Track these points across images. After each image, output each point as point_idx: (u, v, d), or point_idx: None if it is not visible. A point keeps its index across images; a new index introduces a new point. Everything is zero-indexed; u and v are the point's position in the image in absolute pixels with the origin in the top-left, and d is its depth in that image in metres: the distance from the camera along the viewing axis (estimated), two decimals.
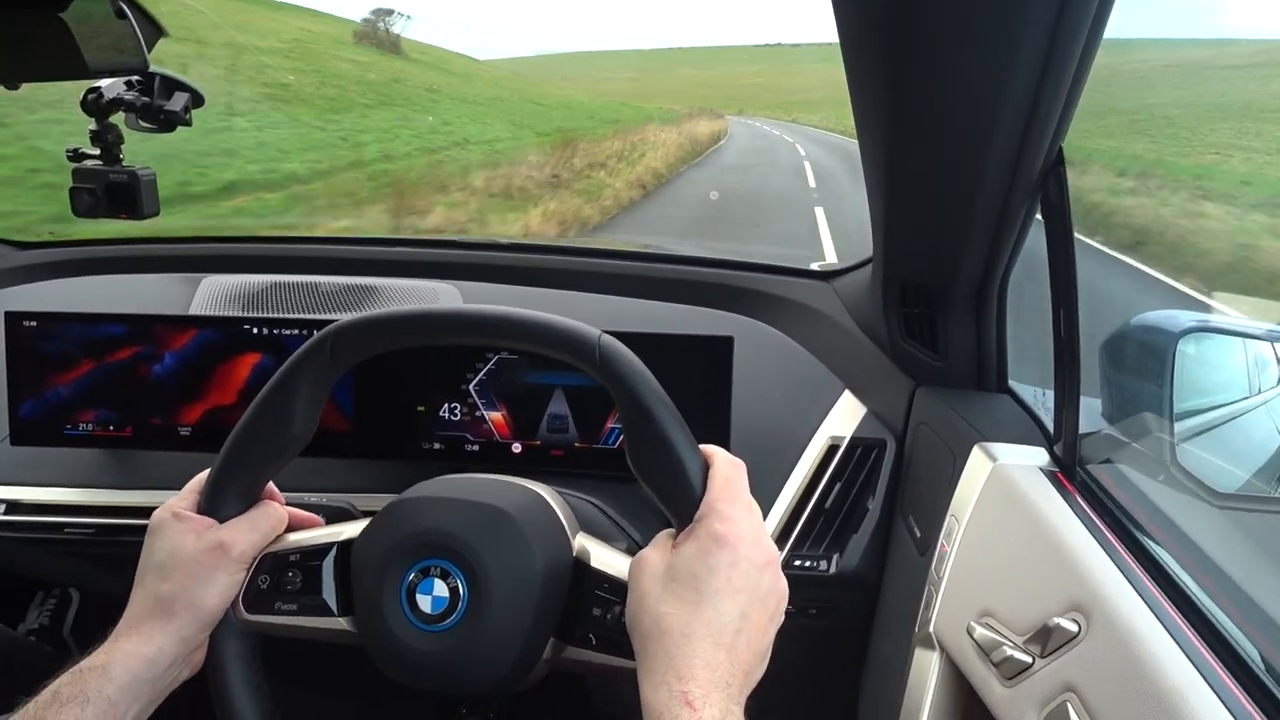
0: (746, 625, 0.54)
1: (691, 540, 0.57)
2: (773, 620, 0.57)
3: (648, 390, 0.60)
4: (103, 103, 0.92)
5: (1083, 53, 0.64)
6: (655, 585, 0.56)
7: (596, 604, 0.65)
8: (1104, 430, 0.83)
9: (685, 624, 0.53)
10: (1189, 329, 0.83)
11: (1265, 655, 0.55)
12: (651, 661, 0.53)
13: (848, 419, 1.11)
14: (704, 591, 0.54)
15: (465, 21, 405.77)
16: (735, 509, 0.58)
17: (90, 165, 0.95)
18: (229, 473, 0.67)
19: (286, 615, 0.66)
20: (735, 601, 0.54)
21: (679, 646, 0.52)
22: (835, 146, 20.27)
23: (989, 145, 0.72)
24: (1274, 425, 0.91)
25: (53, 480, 1.08)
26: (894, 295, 1.01)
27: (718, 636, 0.53)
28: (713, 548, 0.56)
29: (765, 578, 0.57)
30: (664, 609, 0.54)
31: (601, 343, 0.61)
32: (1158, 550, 0.66)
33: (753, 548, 0.57)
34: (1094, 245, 3.46)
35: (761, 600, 0.56)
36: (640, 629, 0.56)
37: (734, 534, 0.56)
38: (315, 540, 0.69)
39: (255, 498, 0.68)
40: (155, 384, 1.07)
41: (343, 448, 1.07)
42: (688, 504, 0.59)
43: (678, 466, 0.59)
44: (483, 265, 1.41)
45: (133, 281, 1.39)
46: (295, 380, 0.65)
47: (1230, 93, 9.28)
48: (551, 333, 0.62)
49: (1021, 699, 0.64)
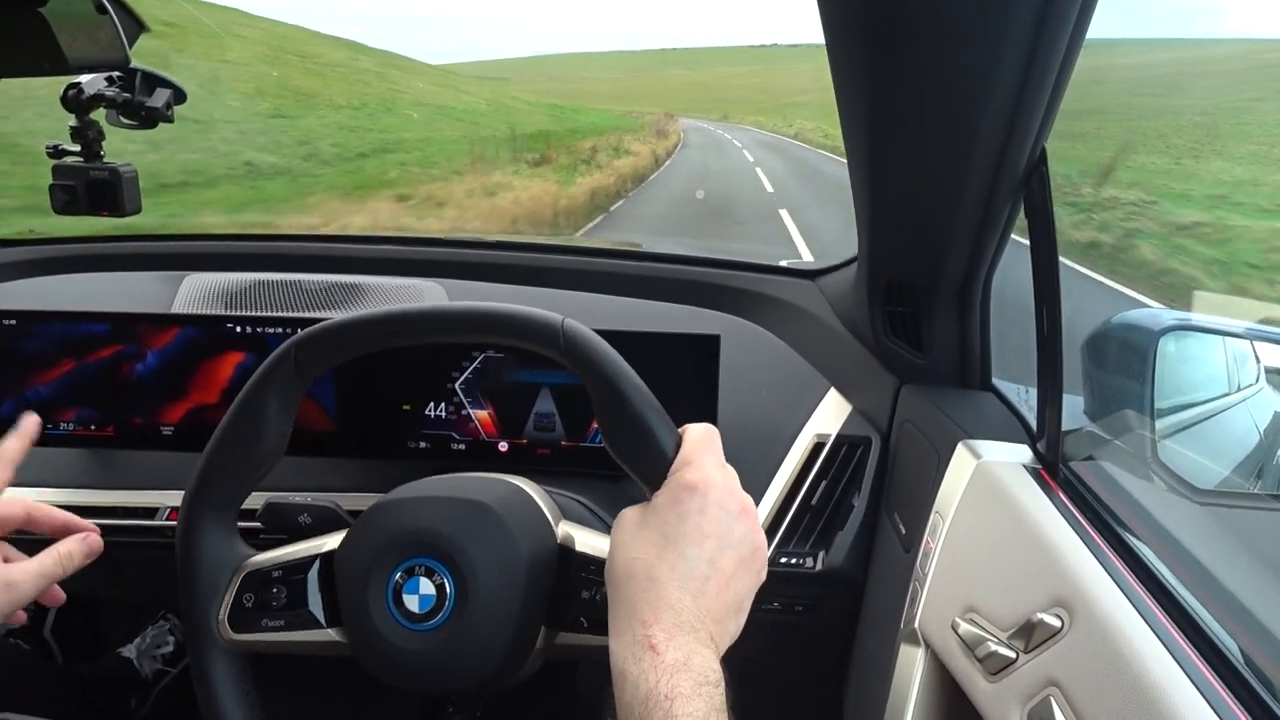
0: (714, 572, 0.54)
1: (664, 490, 0.57)
2: (746, 569, 0.56)
3: (616, 369, 0.60)
4: (83, 99, 0.91)
5: (1065, 53, 0.64)
6: (627, 535, 0.56)
7: (584, 586, 0.66)
8: (1086, 427, 0.84)
9: (650, 568, 0.53)
10: (1170, 327, 0.84)
11: (1245, 649, 0.56)
12: (618, 607, 0.53)
13: (833, 417, 1.11)
14: (671, 536, 0.54)
15: (456, 22, 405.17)
16: (706, 460, 0.58)
17: (70, 162, 0.94)
18: (204, 492, 0.66)
19: (274, 631, 0.66)
20: (703, 547, 0.54)
21: (644, 591, 0.52)
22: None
23: (973, 145, 0.72)
24: (1253, 422, 0.92)
25: (33, 480, 1.07)
26: (878, 293, 1.01)
27: (684, 581, 0.53)
28: (683, 494, 0.56)
29: (738, 526, 0.56)
30: (633, 554, 0.54)
31: (565, 326, 0.61)
32: (1139, 546, 0.67)
33: (724, 495, 0.57)
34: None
35: (733, 548, 0.55)
36: (612, 578, 0.55)
37: (704, 481, 0.56)
38: (298, 554, 0.68)
39: (233, 518, 0.68)
40: (137, 383, 1.06)
41: (328, 447, 1.06)
42: (662, 469, 0.59)
43: (651, 438, 0.59)
44: (468, 263, 1.40)
45: (114, 279, 1.38)
46: (262, 396, 0.64)
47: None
48: (514, 323, 0.62)
49: (1006, 694, 0.64)
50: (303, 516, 0.75)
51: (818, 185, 15.99)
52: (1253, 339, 0.92)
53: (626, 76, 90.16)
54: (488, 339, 0.64)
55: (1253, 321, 0.99)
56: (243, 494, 0.67)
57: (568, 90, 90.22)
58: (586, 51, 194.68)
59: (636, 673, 0.49)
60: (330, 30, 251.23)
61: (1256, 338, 0.92)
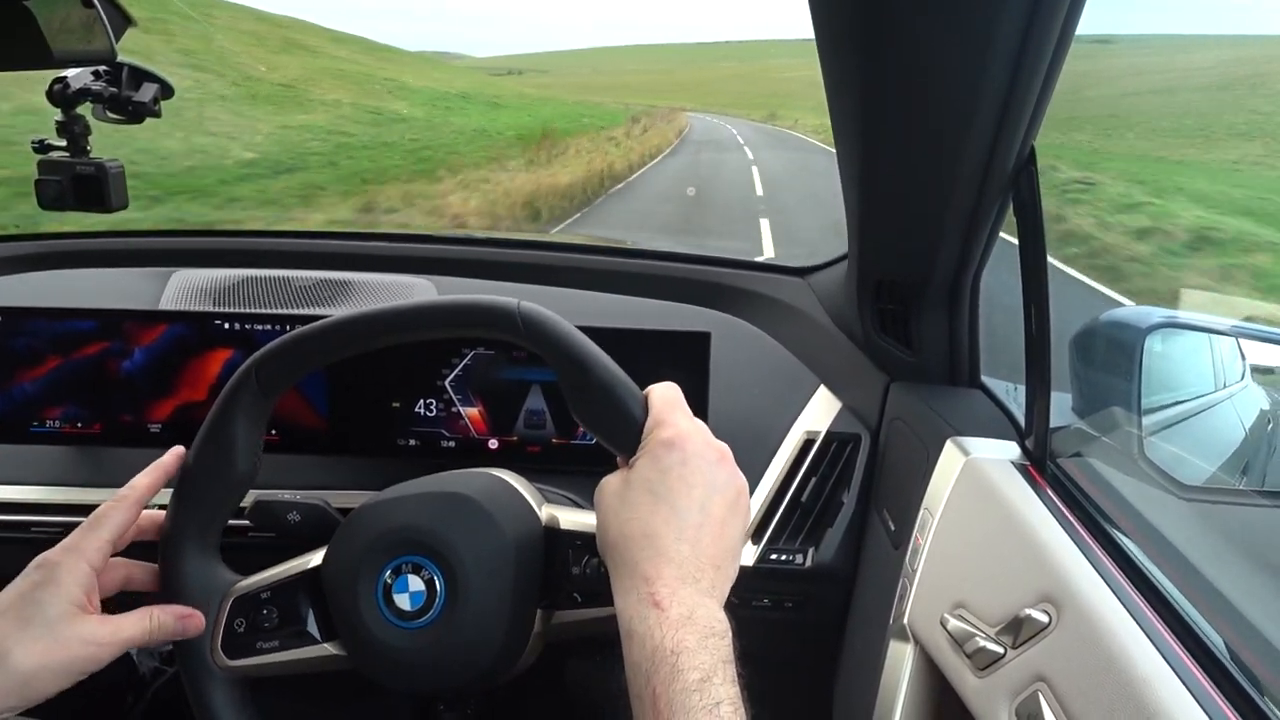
0: (707, 518, 0.55)
1: (642, 453, 0.58)
2: (734, 512, 0.58)
3: (577, 344, 0.61)
4: (69, 93, 0.90)
5: (1054, 52, 0.65)
6: (615, 500, 0.57)
7: (574, 561, 0.66)
8: (1074, 424, 0.84)
9: (645, 524, 0.54)
10: (1157, 325, 0.84)
11: (1230, 644, 0.57)
12: (619, 570, 0.54)
13: (823, 414, 1.12)
14: (659, 492, 0.55)
15: (520, 15, 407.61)
16: (676, 415, 0.60)
17: (56, 157, 0.93)
18: (181, 520, 0.65)
19: (269, 653, 0.65)
20: (692, 496, 0.55)
21: (642, 549, 0.53)
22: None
23: (962, 143, 0.73)
24: (1239, 419, 0.93)
25: (20, 478, 1.06)
26: (868, 291, 1.02)
27: (679, 531, 0.54)
28: (662, 452, 0.57)
29: (720, 471, 0.58)
30: (625, 516, 0.55)
31: (521, 309, 0.61)
32: (1126, 542, 0.67)
33: (701, 445, 0.58)
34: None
35: (720, 492, 0.57)
36: (607, 544, 0.56)
37: (679, 434, 0.58)
38: (285, 573, 0.68)
39: (215, 544, 0.67)
40: (124, 380, 1.05)
41: (317, 445, 1.06)
42: (635, 433, 0.60)
43: (620, 406, 0.60)
44: (458, 260, 1.40)
45: (101, 276, 1.37)
46: (229, 417, 0.64)
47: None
48: (470, 312, 0.62)
49: (994, 689, 0.65)
50: (292, 514, 0.75)
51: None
52: (1239, 337, 0.93)
53: (677, 69, 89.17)
54: (449, 332, 0.63)
55: (1239, 319, 1.00)
56: (221, 520, 0.67)
57: (599, 83, 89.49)
58: (637, 44, 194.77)
59: (643, 630, 0.50)
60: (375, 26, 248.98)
61: (1242, 335, 0.93)
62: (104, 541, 0.62)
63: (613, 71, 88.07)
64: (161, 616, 0.63)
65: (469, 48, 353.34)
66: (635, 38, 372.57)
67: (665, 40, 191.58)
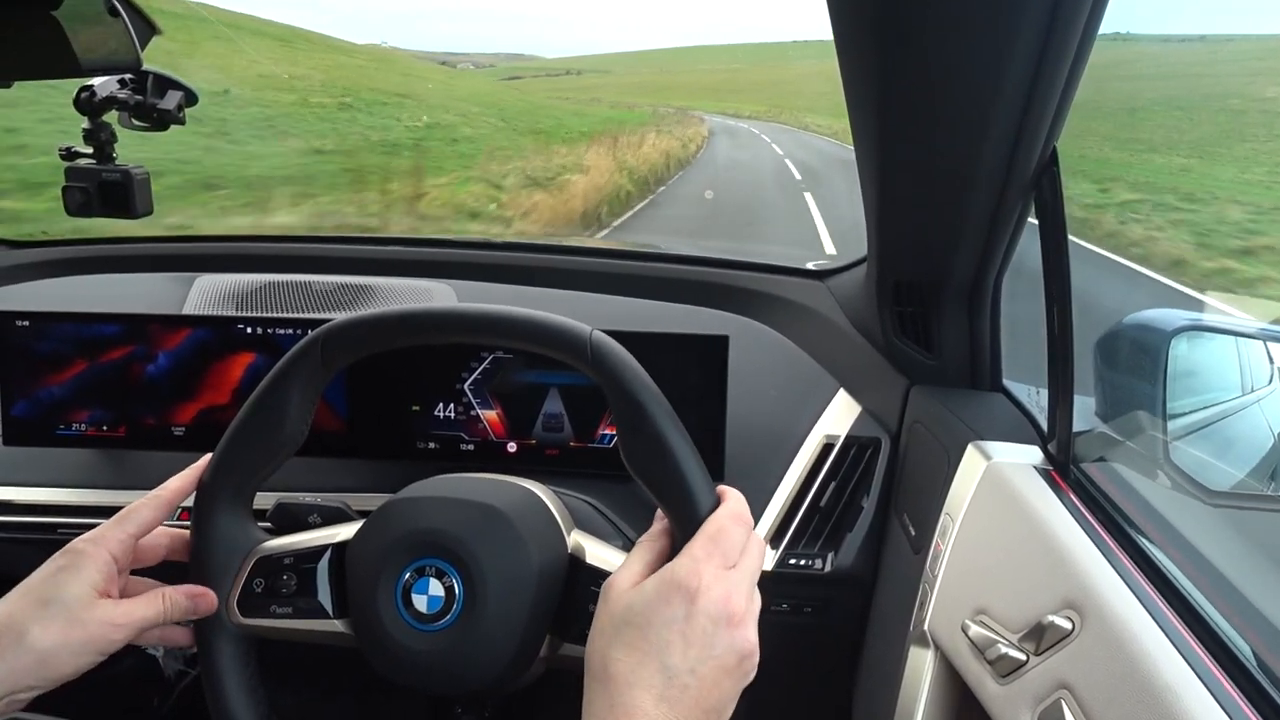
0: (695, 680, 0.53)
1: (654, 581, 0.55)
2: (730, 678, 0.55)
3: (640, 385, 0.60)
4: (95, 101, 0.92)
5: (1077, 51, 0.64)
6: (610, 624, 0.55)
7: (592, 600, 0.65)
8: (1098, 429, 0.83)
9: (630, 672, 0.52)
10: (1182, 327, 0.83)
11: (1259, 652, 0.56)
12: (594, 704, 0.53)
13: (842, 417, 1.11)
14: (654, 642, 0.53)
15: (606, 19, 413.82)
16: (709, 562, 0.55)
17: (83, 164, 0.94)
18: (221, 477, 0.66)
19: (281, 618, 0.66)
20: (685, 656, 0.53)
21: (620, 695, 0.52)
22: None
23: (983, 144, 0.72)
24: (1267, 423, 0.91)
25: (45, 480, 1.08)
26: (888, 294, 1.01)
27: (662, 690, 0.52)
28: (672, 597, 0.54)
29: (723, 637, 0.54)
30: (613, 653, 0.53)
31: (593, 338, 0.61)
32: (1151, 548, 0.66)
33: (715, 604, 0.54)
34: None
35: (717, 659, 0.53)
36: (590, 668, 0.55)
37: (696, 587, 0.54)
38: (310, 542, 0.68)
39: (248, 503, 0.68)
40: (148, 384, 1.07)
41: (337, 447, 1.07)
42: (685, 514, 0.58)
43: (672, 461, 0.59)
44: (477, 264, 1.41)
45: (126, 281, 1.39)
46: (287, 382, 0.64)
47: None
48: (543, 331, 0.62)
49: (1016, 697, 0.64)
50: (313, 517, 0.75)
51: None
52: (1266, 339, 0.91)
53: (747, 68, 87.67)
54: (513, 344, 0.63)
55: (1266, 322, 0.98)
56: (259, 480, 0.67)
57: (656, 82, 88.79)
58: (709, 45, 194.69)
59: None
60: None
61: (1269, 338, 0.91)
62: (129, 535, 0.64)
63: (674, 70, 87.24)
64: (174, 596, 0.64)
65: (540, 49, 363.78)
66: (710, 38, 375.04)
67: (740, 40, 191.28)
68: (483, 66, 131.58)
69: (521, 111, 26.80)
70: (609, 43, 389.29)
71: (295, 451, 0.67)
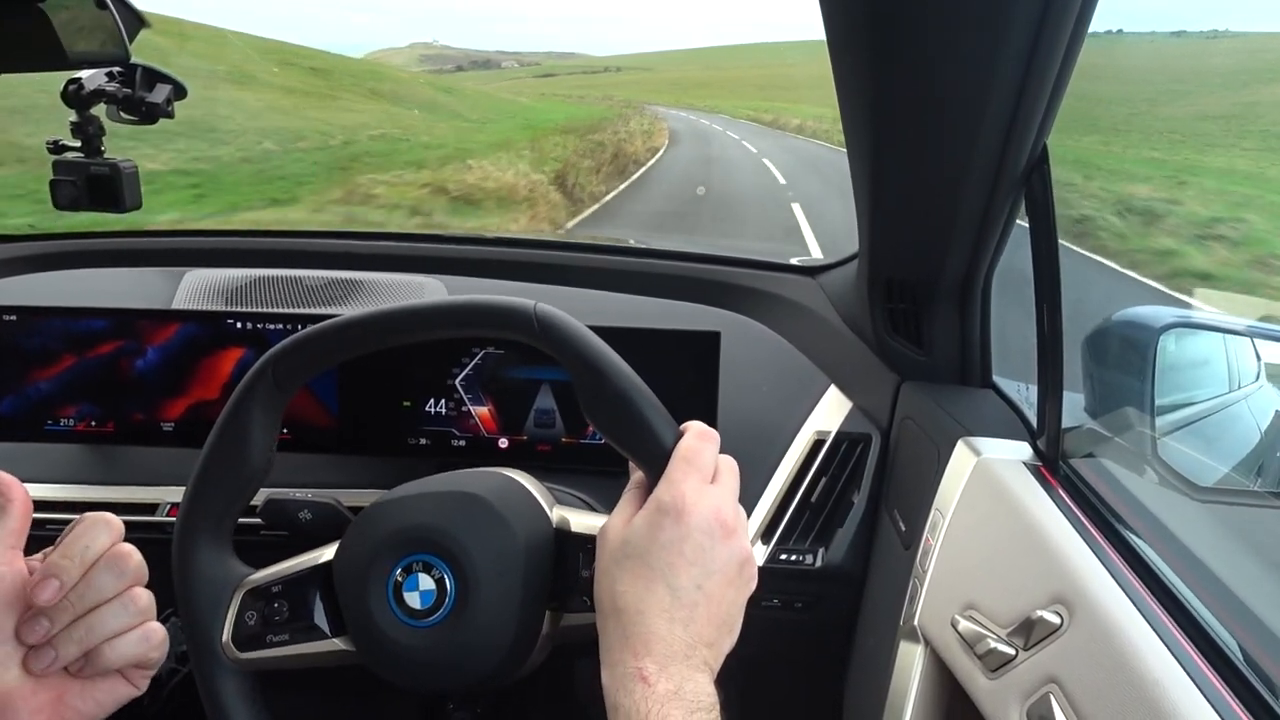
0: (702, 597, 0.54)
1: (643, 514, 0.57)
2: (734, 588, 0.56)
3: (594, 349, 0.60)
4: (83, 94, 0.91)
5: (1066, 49, 0.64)
6: (611, 562, 0.56)
7: (583, 564, 0.66)
8: (1086, 425, 0.84)
9: (639, 600, 0.53)
10: (1170, 324, 0.83)
11: (1244, 646, 0.56)
12: (608, 639, 0.54)
13: (833, 414, 1.11)
14: (656, 567, 0.54)
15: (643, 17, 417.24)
16: (688, 480, 0.57)
17: (71, 157, 0.94)
18: (195, 517, 0.65)
19: (279, 647, 0.65)
20: (689, 574, 0.54)
21: (634, 624, 0.53)
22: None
23: (973, 141, 0.72)
24: (1253, 420, 0.92)
25: (33, 476, 1.07)
26: (879, 290, 1.01)
27: (672, 611, 0.53)
28: (663, 521, 0.55)
29: (720, 549, 0.55)
30: (619, 587, 0.54)
31: (538, 310, 0.61)
32: (1139, 543, 0.67)
33: (705, 519, 0.55)
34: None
35: (719, 571, 0.55)
36: (600, 607, 0.56)
37: (683, 504, 0.55)
38: (297, 567, 0.68)
39: (227, 537, 0.67)
40: (137, 379, 1.06)
41: (328, 444, 1.06)
42: (655, 454, 0.59)
43: (639, 419, 0.59)
44: (468, 259, 1.40)
45: (114, 275, 1.38)
46: (245, 413, 0.64)
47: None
48: (488, 312, 0.62)
49: (1005, 691, 0.64)
50: (303, 513, 0.75)
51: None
52: (1253, 336, 0.92)
53: (804, 62, 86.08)
54: (463, 332, 0.63)
55: (1253, 319, 0.99)
56: (234, 513, 0.66)
57: (695, 78, 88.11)
58: (764, 42, 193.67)
59: (629, 704, 0.50)
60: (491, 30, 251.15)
61: (1257, 335, 0.92)
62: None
63: (718, 67, 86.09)
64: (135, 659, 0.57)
65: (591, 48, 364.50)
66: (757, 36, 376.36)
67: (791, 38, 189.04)
68: (527, 64, 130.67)
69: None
70: (661, 40, 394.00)
71: (265, 479, 0.66)
